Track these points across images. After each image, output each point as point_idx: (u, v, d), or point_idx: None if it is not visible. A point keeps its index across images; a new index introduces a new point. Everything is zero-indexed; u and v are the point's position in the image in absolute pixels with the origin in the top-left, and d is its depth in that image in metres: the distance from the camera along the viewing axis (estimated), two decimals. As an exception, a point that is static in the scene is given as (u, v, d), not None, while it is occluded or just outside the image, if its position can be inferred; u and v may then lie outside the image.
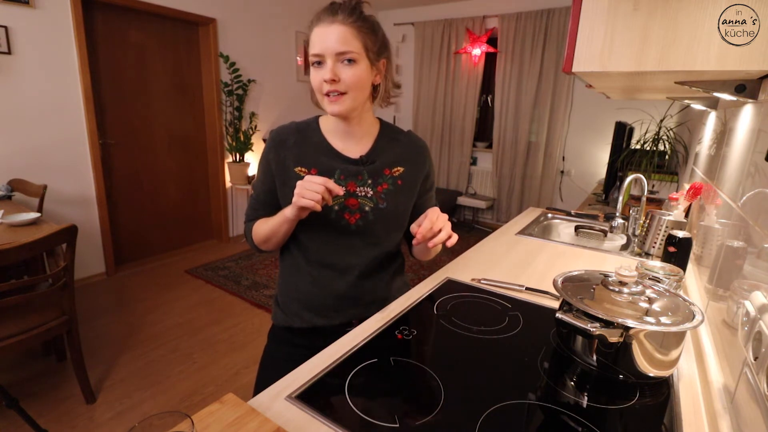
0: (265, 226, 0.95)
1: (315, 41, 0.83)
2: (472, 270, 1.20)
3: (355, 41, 0.82)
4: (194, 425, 0.51)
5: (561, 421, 0.63)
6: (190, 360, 2.13)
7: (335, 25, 0.81)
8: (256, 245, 1.00)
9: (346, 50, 0.82)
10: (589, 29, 0.65)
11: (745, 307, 0.61)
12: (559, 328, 0.80)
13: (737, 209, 0.85)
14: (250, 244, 1.02)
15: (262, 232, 0.96)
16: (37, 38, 2.55)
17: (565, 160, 4.27)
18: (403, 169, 0.98)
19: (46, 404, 1.77)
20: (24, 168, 2.58)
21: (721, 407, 0.63)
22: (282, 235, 0.94)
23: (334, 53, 0.82)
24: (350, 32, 0.82)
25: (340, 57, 0.82)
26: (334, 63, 0.82)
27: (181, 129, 3.56)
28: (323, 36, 0.82)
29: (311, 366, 0.73)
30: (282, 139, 0.95)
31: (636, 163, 2.57)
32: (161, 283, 3.04)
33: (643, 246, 1.42)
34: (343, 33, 0.81)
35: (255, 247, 1.01)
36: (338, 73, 0.83)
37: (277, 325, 1.06)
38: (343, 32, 0.81)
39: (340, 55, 0.82)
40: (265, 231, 0.95)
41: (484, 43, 4.34)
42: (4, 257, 1.36)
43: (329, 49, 0.81)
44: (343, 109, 0.86)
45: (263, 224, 0.96)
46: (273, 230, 0.93)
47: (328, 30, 0.82)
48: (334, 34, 0.81)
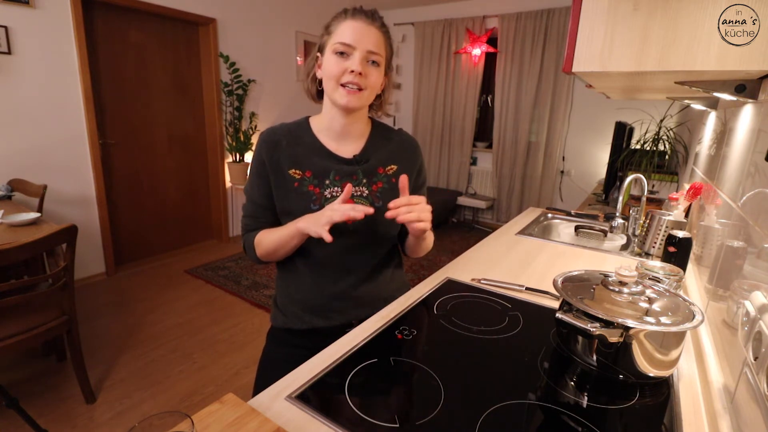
0: (271, 237, 0.93)
1: (348, 32, 0.86)
2: (472, 270, 1.20)
3: (383, 48, 0.89)
4: (194, 425, 0.51)
5: (561, 421, 0.63)
6: (190, 360, 2.13)
7: (373, 27, 0.87)
8: (258, 257, 0.97)
9: (378, 52, 0.87)
10: (589, 29, 0.65)
11: (745, 307, 0.61)
12: (559, 328, 0.80)
13: (737, 209, 0.85)
14: (251, 256, 0.98)
15: (268, 244, 0.93)
16: (37, 38, 2.55)
17: (565, 160, 4.27)
18: (397, 167, 0.99)
19: (46, 404, 1.77)
20: (24, 168, 2.58)
21: (721, 407, 0.63)
22: (291, 249, 0.93)
23: (366, 50, 0.86)
24: (383, 39, 0.89)
25: (369, 56, 0.87)
26: (362, 59, 0.86)
27: (181, 129, 3.56)
28: (361, 31, 0.86)
29: (311, 366, 0.73)
30: (275, 141, 0.94)
31: (636, 163, 2.57)
32: (161, 283, 3.04)
33: (643, 246, 1.42)
34: (378, 36, 0.88)
35: (256, 260, 0.98)
36: (365, 69, 0.86)
37: (276, 327, 1.05)
38: (378, 36, 0.88)
39: (370, 54, 0.87)
40: (272, 243, 0.92)
41: (484, 43, 4.34)
42: (4, 257, 1.36)
43: (364, 44, 0.85)
44: (357, 104, 0.88)
45: (268, 235, 0.93)
46: (281, 243, 0.91)
47: (366, 29, 0.86)
48: (372, 34, 0.87)
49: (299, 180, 0.93)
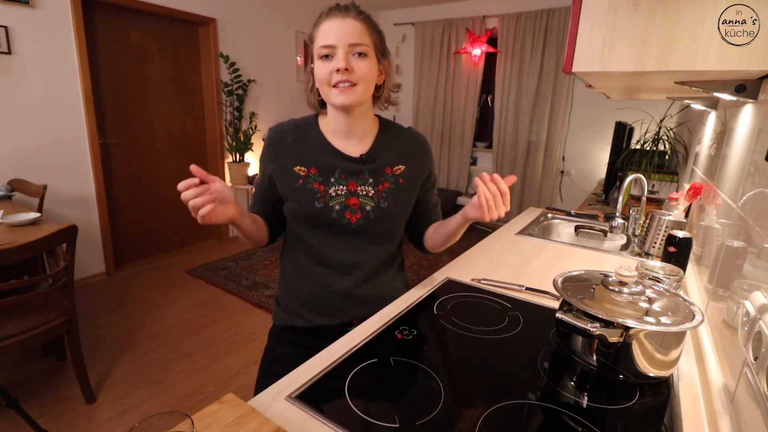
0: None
1: (325, 33, 0.84)
2: (472, 270, 1.20)
3: (366, 36, 0.85)
4: (194, 425, 0.51)
5: (561, 421, 0.63)
6: (190, 360, 2.13)
7: (348, 19, 0.84)
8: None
9: (359, 42, 0.84)
10: (589, 29, 0.65)
11: (745, 307, 0.61)
12: (559, 328, 0.80)
13: (737, 209, 0.85)
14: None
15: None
16: (37, 38, 2.55)
17: (565, 160, 4.27)
18: (405, 167, 0.98)
19: (46, 404, 1.77)
20: (24, 168, 2.58)
21: (721, 407, 0.63)
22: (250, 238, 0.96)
23: (347, 44, 0.83)
24: (362, 27, 0.85)
25: (352, 49, 0.84)
26: (345, 54, 0.83)
27: (181, 129, 3.56)
28: (336, 28, 0.83)
29: (311, 366, 0.73)
30: (280, 138, 0.95)
31: (636, 163, 2.56)
32: (161, 283, 3.04)
33: (643, 246, 1.42)
34: (356, 26, 0.84)
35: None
36: (350, 64, 0.84)
37: (277, 325, 1.06)
38: (356, 26, 0.84)
39: (352, 47, 0.83)
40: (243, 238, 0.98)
41: (484, 43, 4.34)
42: (4, 257, 1.36)
43: (343, 39, 0.83)
44: (353, 100, 0.86)
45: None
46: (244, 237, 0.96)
47: (341, 23, 0.83)
48: (348, 26, 0.83)
49: (304, 177, 0.93)
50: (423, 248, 1.11)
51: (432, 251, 1.09)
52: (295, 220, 0.96)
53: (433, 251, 1.09)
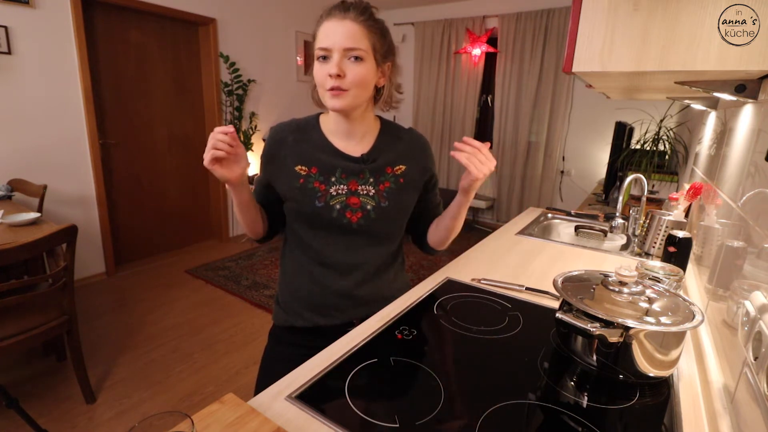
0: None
1: (323, 35, 0.83)
2: (472, 270, 1.20)
3: (363, 40, 0.83)
4: (194, 425, 0.51)
5: (561, 421, 0.63)
6: (190, 360, 2.13)
7: (346, 21, 0.82)
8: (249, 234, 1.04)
9: (354, 47, 0.81)
10: (589, 29, 0.65)
11: (745, 307, 0.61)
12: (559, 328, 0.80)
13: (737, 209, 0.85)
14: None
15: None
16: (37, 38, 2.55)
17: (565, 160, 4.27)
18: (405, 167, 0.98)
19: (46, 404, 1.77)
20: (24, 168, 2.58)
21: (721, 407, 0.63)
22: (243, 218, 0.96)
23: (342, 48, 0.81)
24: (360, 30, 0.82)
25: (348, 53, 0.82)
26: (340, 58, 0.82)
27: (181, 129, 3.56)
28: (332, 30, 0.82)
29: (311, 366, 0.73)
30: (281, 137, 0.95)
31: (636, 163, 2.57)
32: (161, 283, 3.04)
33: (643, 246, 1.42)
34: (353, 30, 0.81)
35: (252, 238, 1.05)
36: (344, 69, 0.82)
37: (277, 325, 1.06)
38: (353, 29, 0.81)
39: (347, 51, 0.81)
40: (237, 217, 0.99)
41: (484, 43, 4.34)
42: (4, 257, 1.36)
43: (337, 43, 0.81)
44: (344, 105, 0.85)
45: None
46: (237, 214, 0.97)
47: (338, 25, 0.81)
48: (344, 29, 0.81)
49: (305, 176, 0.93)
50: (426, 247, 1.11)
51: (436, 248, 1.09)
52: (296, 219, 0.96)
53: (437, 248, 1.09)
